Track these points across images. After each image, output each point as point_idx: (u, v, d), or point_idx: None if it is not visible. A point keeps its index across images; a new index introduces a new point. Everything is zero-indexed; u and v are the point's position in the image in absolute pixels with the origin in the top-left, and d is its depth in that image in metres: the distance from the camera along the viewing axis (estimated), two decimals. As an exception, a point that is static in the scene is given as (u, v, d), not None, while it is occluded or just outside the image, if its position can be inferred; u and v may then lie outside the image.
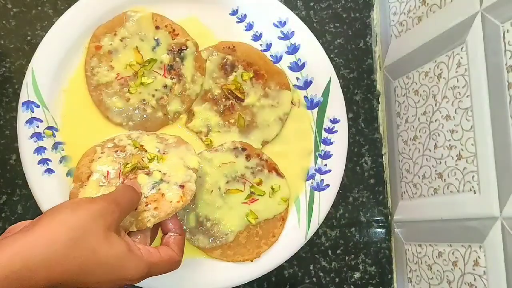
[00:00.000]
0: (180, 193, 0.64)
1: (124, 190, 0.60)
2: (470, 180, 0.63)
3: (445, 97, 0.68)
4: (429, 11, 0.72)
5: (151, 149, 0.69)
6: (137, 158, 0.68)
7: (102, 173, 0.68)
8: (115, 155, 0.69)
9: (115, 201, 0.55)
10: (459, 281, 0.65)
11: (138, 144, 0.70)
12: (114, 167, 0.68)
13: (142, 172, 0.67)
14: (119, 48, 0.74)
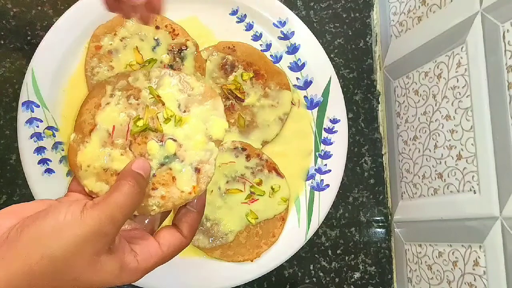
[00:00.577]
0: (193, 181, 0.55)
1: (127, 194, 0.49)
2: (470, 180, 0.63)
3: (445, 97, 0.68)
4: (429, 11, 0.72)
5: (171, 103, 0.57)
6: (151, 113, 0.57)
7: (107, 128, 0.57)
8: (127, 102, 0.58)
9: (111, 219, 0.46)
10: (459, 281, 0.65)
11: (156, 93, 0.57)
12: (122, 121, 0.57)
13: (153, 138, 0.56)
14: (119, 48, 0.74)
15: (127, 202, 0.49)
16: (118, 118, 0.57)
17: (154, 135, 0.56)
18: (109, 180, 0.55)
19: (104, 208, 0.46)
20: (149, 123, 0.56)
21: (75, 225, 0.44)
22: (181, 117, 0.57)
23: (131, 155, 0.56)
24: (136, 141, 0.56)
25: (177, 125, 0.56)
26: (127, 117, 0.57)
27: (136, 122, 0.56)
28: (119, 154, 0.56)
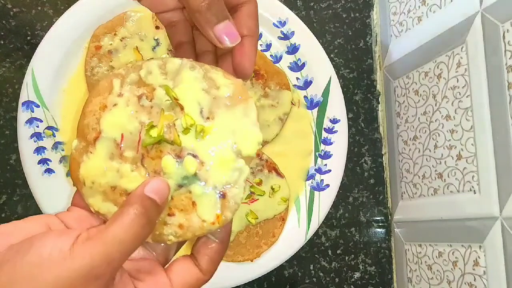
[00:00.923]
0: (217, 208, 0.45)
1: (129, 227, 0.39)
2: (470, 180, 0.63)
3: (445, 97, 0.68)
4: (429, 11, 0.72)
5: (191, 107, 0.46)
6: (167, 120, 0.46)
7: (114, 137, 0.46)
8: (138, 103, 0.47)
9: (107, 258, 0.37)
10: (459, 281, 0.65)
11: (173, 94, 0.46)
12: (132, 128, 0.46)
13: (170, 152, 0.45)
14: (119, 48, 0.74)
15: (129, 237, 0.39)
16: (128, 124, 0.46)
17: (170, 148, 0.45)
18: (118, 201, 0.45)
19: (99, 244, 0.37)
20: (164, 133, 0.45)
21: (61, 265, 0.36)
22: (204, 126, 0.45)
23: (143, 172, 0.45)
24: (149, 155, 0.45)
25: (198, 137, 0.45)
26: (138, 123, 0.46)
27: (149, 131, 0.45)
28: (130, 170, 0.45)
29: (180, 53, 0.51)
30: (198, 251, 0.45)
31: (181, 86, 0.46)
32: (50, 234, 0.38)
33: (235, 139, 0.45)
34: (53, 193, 0.71)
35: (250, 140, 0.46)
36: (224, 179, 0.44)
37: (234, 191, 0.44)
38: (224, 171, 0.45)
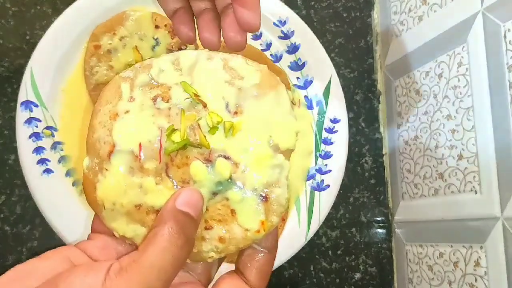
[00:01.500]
0: (261, 213, 0.40)
1: (166, 250, 0.35)
2: (471, 180, 0.63)
3: (446, 97, 0.68)
4: (430, 11, 0.72)
5: (215, 103, 0.41)
6: (189, 121, 0.40)
7: (130, 148, 0.40)
8: (153, 106, 0.41)
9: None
10: (460, 281, 0.65)
11: (193, 90, 0.41)
12: (151, 135, 0.40)
13: (197, 157, 0.40)
14: (119, 48, 0.74)
15: (168, 262, 0.34)
16: (145, 131, 0.40)
17: (198, 152, 0.40)
18: (145, 220, 0.40)
19: (136, 275, 0.33)
20: (188, 136, 0.40)
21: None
22: (232, 123, 0.40)
23: (170, 184, 0.40)
24: (174, 163, 0.40)
25: (228, 134, 0.40)
26: (157, 129, 0.40)
27: (171, 136, 0.40)
28: (154, 183, 0.40)
29: (178, 20, 0.47)
30: (245, 265, 0.41)
31: (200, 80, 0.41)
32: (76, 272, 0.34)
33: (270, 132, 0.40)
34: (52, 193, 0.71)
35: (287, 132, 0.41)
36: (264, 179, 0.40)
37: (277, 191, 0.40)
38: (263, 170, 0.40)
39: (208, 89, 0.41)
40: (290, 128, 0.41)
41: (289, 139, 0.41)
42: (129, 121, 0.41)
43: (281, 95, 0.41)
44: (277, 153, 0.40)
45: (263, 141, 0.40)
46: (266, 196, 0.40)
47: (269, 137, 0.40)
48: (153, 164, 0.40)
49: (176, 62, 0.42)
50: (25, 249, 0.72)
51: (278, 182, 0.40)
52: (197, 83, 0.41)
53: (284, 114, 0.41)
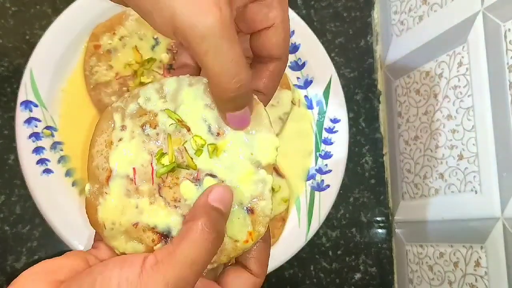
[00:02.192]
0: (248, 225, 0.43)
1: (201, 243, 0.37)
2: (472, 180, 0.63)
3: (446, 97, 0.68)
4: (430, 10, 0.72)
5: (198, 127, 0.44)
6: (176, 144, 0.44)
7: (126, 173, 0.44)
8: (143, 133, 0.45)
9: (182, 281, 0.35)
10: (460, 281, 0.65)
11: (176, 117, 0.44)
12: (143, 160, 0.44)
13: (186, 177, 0.44)
14: (118, 47, 0.74)
15: (201, 254, 0.37)
16: (137, 157, 0.44)
17: (186, 173, 0.44)
18: (142, 238, 0.43)
19: (171, 267, 0.35)
20: (177, 159, 0.44)
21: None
22: (215, 144, 0.44)
23: (162, 203, 0.43)
24: (166, 184, 0.44)
25: (212, 156, 0.43)
26: (147, 154, 0.44)
27: (160, 160, 0.44)
28: (148, 203, 0.44)
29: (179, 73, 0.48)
30: (244, 257, 0.44)
31: (183, 106, 0.44)
32: (110, 265, 0.36)
33: (251, 150, 0.44)
34: (52, 193, 0.71)
35: (266, 148, 0.44)
36: (248, 193, 0.43)
37: (262, 203, 0.43)
38: (247, 186, 0.43)
39: (191, 114, 0.44)
40: (270, 145, 0.44)
41: (270, 155, 0.44)
42: (122, 148, 0.44)
43: (260, 113, 0.44)
44: (260, 169, 0.44)
45: (245, 158, 0.44)
46: (252, 209, 0.43)
47: (250, 155, 0.44)
48: (147, 185, 0.44)
49: (160, 90, 0.45)
50: (24, 249, 0.72)
51: (263, 195, 0.43)
52: (180, 109, 0.44)
53: (264, 131, 0.44)
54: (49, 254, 0.73)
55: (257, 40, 0.44)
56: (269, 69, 0.46)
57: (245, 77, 0.38)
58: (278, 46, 0.44)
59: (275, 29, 0.43)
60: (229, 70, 0.37)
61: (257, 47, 0.45)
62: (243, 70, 0.38)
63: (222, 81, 0.38)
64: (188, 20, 0.36)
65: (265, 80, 0.46)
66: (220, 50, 0.36)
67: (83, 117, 0.74)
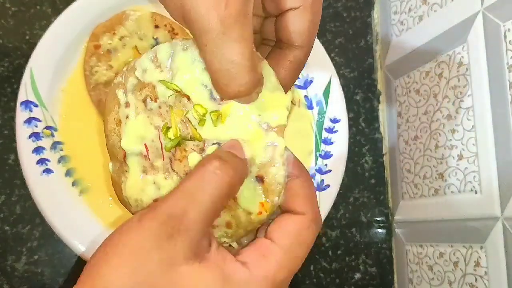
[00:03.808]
0: (260, 195, 0.39)
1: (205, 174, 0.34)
2: (471, 180, 0.63)
3: (446, 97, 0.68)
4: (430, 10, 0.72)
5: (198, 95, 0.40)
6: (178, 116, 0.41)
7: (139, 150, 0.43)
8: (146, 108, 0.42)
9: (171, 215, 0.32)
10: (460, 281, 0.65)
11: (173, 86, 0.41)
12: (152, 135, 0.42)
13: (193, 148, 0.41)
14: (118, 47, 0.74)
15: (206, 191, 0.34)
16: (146, 133, 0.42)
17: (193, 144, 0.41)
18: None
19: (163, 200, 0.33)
20: (181, 131, 0.41)
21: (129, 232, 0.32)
22: (218, 111, 0.40)
23: (175, 178, 0.41)
24: (176, 158, 0.41)
25: (216, 124, 0.40)
26: (155, 129, 0.42)
27: (167, 134, 0.41)
28: (164, 178, 0.42)
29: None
30: (284, 203, 0.39)
31: (179, 73, 0.41)
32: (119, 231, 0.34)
33: (258, 112, 0.39)
34: (52, 193, 0.70)
35: (276, 106, 0.40)
36: (258, 160, 0.39)
37: (273, 170, 0.39)
38: (256, 151, 0.39)
39: (189, 81, 0.40)
40: (279, 103, 0.40)
41: (280, 115, 0.40)
42: (130, 126, 0.43)
43: (265, 71, 0.40)
44: (269, 131, 0.39)
45: (252, 122, 0.39)
46: (261, 177, 0.39)
47: (258, 116, 0.39)
48: (160, 161, 0.42)
49: (154, 59, 0.42)
50: (25, 249, 0.72)
51: (274, 160, 0.39)
52: (177, 77, 0.41)
53: (271, 89, 0.40)
54: (49, 254, 0.73)
55: (280, 22, 0.40)
56: (289, 59, 0.40)
57: (248, 81, 0.36)
58: (300, 33, 0.39)
59: (300, 12, 0.38)
60: (228, 71, 0.35)
61: (278, 30, 0.40)
62: (246, 74, 0.35)
63: (220, 81, 0.36)
64: (194, 11, 0.34)
65: (283, 71, 0.41)
66: (220, 48, 0.34)
67: (83, 117, 0.74)
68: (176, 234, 0.31)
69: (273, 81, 0.40)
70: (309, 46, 0.40)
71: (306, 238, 0.36)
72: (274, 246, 0.35)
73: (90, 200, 0.71)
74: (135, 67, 0.44)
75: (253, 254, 0.35)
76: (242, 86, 0.36)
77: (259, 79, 0.37)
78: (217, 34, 0.34)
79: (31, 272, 0.72)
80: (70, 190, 0.71)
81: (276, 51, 0.41)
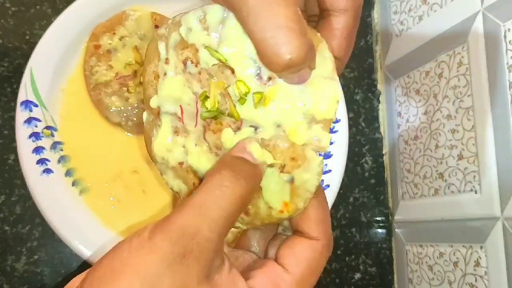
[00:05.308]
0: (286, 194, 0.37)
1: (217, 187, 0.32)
2: (471, 180, 0.63)
3: (446, 97, 0.68)
4: (430, 10, 0.72)
5: (244, 69, 0.37)
6: (219, 88, 0.38)
7: (174, 109, 0.40)
8: (186, 70, 0.39)
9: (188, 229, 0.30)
10: (460, 281, 0.65)
11: (219, 56, 0.37)
12: (188, 99, 0.40)
13: (229, 123, 0.38)
14: (118, 47, 0.74)
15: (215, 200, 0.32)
16: (183, 95, 0.40)
17: (229, 119, 0.38)
18: (186, 178, 0.41)
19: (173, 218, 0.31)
20: (220, 103, 0.38)
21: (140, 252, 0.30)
22: (262, 93, 0.36)
23: (205, 147, 0.39)
24: (210, 128, 0.39)
25: (258, 106, 0.36)
26: (192, 93, 0.39)
27: (204, 102, 0.39)
28: (194, 144, 0.40)
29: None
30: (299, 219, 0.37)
31: (227, 42, 0.37)
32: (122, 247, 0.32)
33: (304, 100, 0.36)
34: (52, 193, 0.70)
35: (325, 99, 0.36)
36: (295, 154, 0.36)
37: (306, 176, 0.36)
38: (294, 145, 0.36)
39: (237, 52, 0.37)
40: (329, 95, 0.36)
41: (328, 107, 0.36)
42: (168, 84, 0.40)
43: (322, 54, 0.36)
44: (313, 124, 0.36)
45: (297, 111, 0.36)
46: (292, 179, 0.37)
47: (304, 106, 0.36)
48: (193, 126, 0.40)
49: (203, 20, 0.38)
50: (24, 249, 0.72)
51: (310, 165, 0.36)
52: (224, 45, 0.37)
53: (324, 78, 0.36)
54: (49, 254, 0.73)
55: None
56: (337, 27, 0.37)
57: (298, 46, 0.32)
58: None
59: None
60: (274, 38, 0.32)
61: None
62: (295, 38, 0.32)
63: (268, 52, 0.32)
64: None
65: (335, 41, 0.37)
66: (262, 14, 0.32)
67: (83, 117, 0.74)
68: (188, 255, 0.30)
69: (329, 67, 0.36)
70: (355, 9, 0.37)
71: (318, 266, 0.36)
72: (286, 275, 0.34)
73: (90, 200, 0.71)
74: (180, 23, 0.40)
75: (264, 281, 0.34)
76: (292, 53, 0.32)
77: (310, 46, 0.33)
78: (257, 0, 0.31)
79: (31, 272, 0.72)
80: (70, 190, 0.71)
81: (322, 22, 0.38)
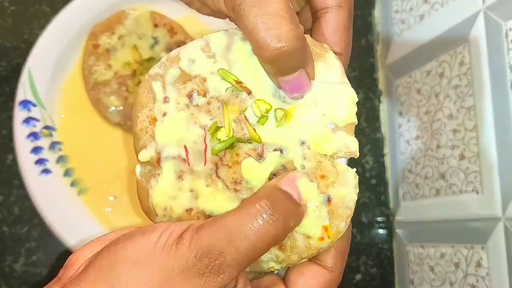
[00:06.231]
0: (324, 218, 0.34)
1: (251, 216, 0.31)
2: (473, 180, 0.62)
3: (447, 96, 0.68)
4: (431, 9, 0.72)
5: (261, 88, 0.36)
6: (234, 113, 0.36)
7: (177, 152, 0.37)
8: (191, 104, 0.37)
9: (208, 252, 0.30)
10: (461, 282, 0.65)
11: (234, 78, 0.36)
12: (194, 136, 0.37)
13: (248, 152, 0.36)
14: (117, 47, 0.74)
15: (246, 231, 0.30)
16: (187, 133, 0.37)
17: (248, 148, 0.36)
18: None
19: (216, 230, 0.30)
20: (235, 131, 0.36)
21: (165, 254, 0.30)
22: (284, 109, 0.35)
23: (220, 186, 0.36)
24: (223, 162, 0.36)
25: (280, 124, 0.35)
26: (199, 128, 0.37)
27: (215, 134, 0.36)
28: (204, 186, 0.37)
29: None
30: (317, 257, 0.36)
31: (239, 65, 0.36)
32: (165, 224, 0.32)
33: (322, 109, 0.35)
34: (50, 194, 0.70)
35: (342, 103, 0.36)
36: (326, 171, 0.35)
37: (343, 191, 0.34)
38: (325, 164, 0.35)
39: (250, 73, 0.36)
40: (346, 98, 0.36)
41: (347, 112, 0.36)
42: (168, 124, 0.38)
43: (330, 63, 0.37)
44: (337, 131, 0.36)
45: (317, 123, 0.35)
46: (329, 197, 0.35)
47: (322, 114, 0.35)
48: (202, 166, 0.37)
49: (206, 48, 0.37)
50: (23, 250, 0.72)
51: (343, 179, 0.35)
52: (235, 69, 0.36)
53: (336, 84, 0.36)
54: (48, 254, 0.72)
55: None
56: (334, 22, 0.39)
57: (287, 32, 0.32)
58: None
59: None
60: (264, 23, 0.32)
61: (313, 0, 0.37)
62: (283, 24, 0.32)
63: (258, 37, 0.32)
64: None
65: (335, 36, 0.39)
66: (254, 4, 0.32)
67: (82, 116, 0.74)
68: (207, 274, 0.29)
69: (338, 72, 0.36)
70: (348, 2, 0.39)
71: None
72: None
73: (88, 200, 0.71)
74: (179, 57, 0.38)
75: None
76: (282, 38, 0.32)
77: (301, 37, 0.33)
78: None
79: (29, 272, 0.72)
80: (69, 190, 0.71)
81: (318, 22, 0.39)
